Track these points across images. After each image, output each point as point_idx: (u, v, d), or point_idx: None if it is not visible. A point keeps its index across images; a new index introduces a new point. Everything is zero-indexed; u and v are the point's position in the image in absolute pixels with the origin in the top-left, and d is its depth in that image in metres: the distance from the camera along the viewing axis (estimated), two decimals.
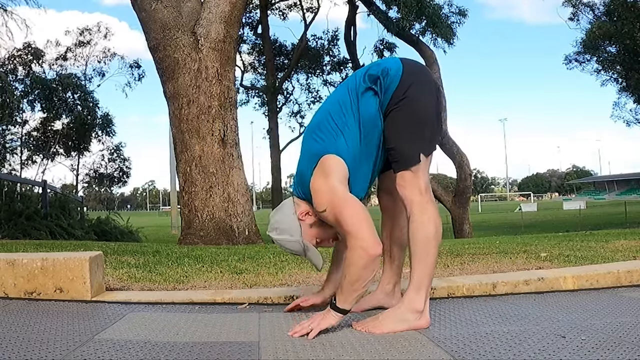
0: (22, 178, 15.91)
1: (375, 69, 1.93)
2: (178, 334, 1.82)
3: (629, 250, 3.46)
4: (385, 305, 2.12)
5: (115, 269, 3.06)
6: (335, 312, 1.80)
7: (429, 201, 1.91)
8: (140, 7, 6.89)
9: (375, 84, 1.91)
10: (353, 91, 1.93)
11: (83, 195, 15.89)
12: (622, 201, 35.68)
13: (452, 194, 14.83)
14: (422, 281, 1.86)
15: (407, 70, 1.93)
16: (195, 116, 6.64)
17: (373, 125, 1.91)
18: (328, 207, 1.81)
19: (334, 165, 1.85)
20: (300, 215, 1.92)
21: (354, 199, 1.84)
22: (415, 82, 1.92)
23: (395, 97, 1.89)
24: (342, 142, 1.88)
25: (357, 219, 1.77)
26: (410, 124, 1.89)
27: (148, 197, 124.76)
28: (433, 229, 1.88)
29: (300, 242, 1.91)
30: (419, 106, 1.90)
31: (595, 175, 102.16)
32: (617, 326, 1.78)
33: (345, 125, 1.90)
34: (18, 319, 2.00)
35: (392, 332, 1.79)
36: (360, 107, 1.90)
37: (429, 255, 1.87)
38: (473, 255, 3.50)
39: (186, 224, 6.68)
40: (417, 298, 1.85)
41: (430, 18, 14.11)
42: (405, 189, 1.90)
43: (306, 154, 1.95)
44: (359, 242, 1.75)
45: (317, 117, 2.00)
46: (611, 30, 16.50)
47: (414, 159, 1.88)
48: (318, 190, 1.84)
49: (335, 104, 1.95)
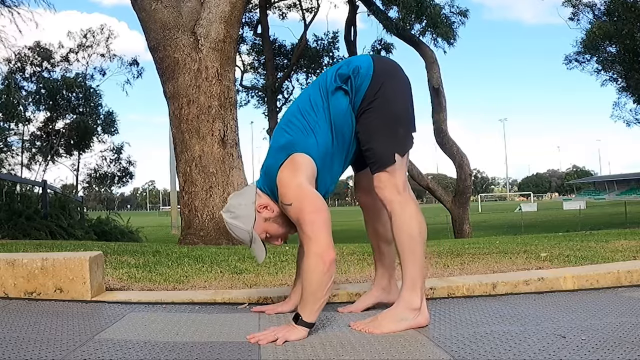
0: (22, 178, 15.91)
1: (345, 68, 1.92)
2: (178, 334, 1.81)
3: (629, 250, 3.46)
4: (384, 301, 2.13)
5: (115, 269, 3.06)
6: (302, 326, 1.76)
7: (408, 199, 1.90)
8: (140, 7, 6.89)
9: (346, 83, 1.90)
10: (324, 90, 1.93)
11: (83, 196, 15.89)
12: (622, 201, 35.66)
13: (452, 194, 14.83)
14: (414, 279, 1.86)
15: (378, 68, 1.92)
16: (195, 116, 6.64)
17: (344, 124, 1.90)
18: (294, 202, 1.80)
19: (303, 163, 1.85)
20: (259, 207, 1.92)
21: (320, 200, 1.83)
22: (387, 80, 1.91)
23: (368, 97, 1.88)
24: (313, 141, 1.87)
25: (318, 223, 1.77)
26: (383, 124, 1.88)
27: (148, 197, 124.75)
28: (416, 226, 1.87)
29: (250, 232, 1.91)
30: (391, 105, 1.89)
31: (595, 175, 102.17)
32: (617, 326, 1.78)
33: (316, 124, 1.89)
34: (18, 319, 2.00)
35: (392, 332, 1.79)
36: (330, 106, 1.90)
37: (417, 253, 1.87)
38: (473, 255, 3.49)
39: (186, 224, 6.67)
40: (412, 296, 1.85)
41: (431, 18, 14.11)
42: (383, 190, 1.89)
43: (275, 147, 1.94)
44: (313, 247, 1.75)
45: (288, 113, 1.99)
46: (611, 30, 16.50)
47: (390, 160, 1.87)
48: (285, 185, 1.83)
49: (307, 101, 1.95)
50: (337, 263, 3.25)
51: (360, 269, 3.03)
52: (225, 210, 1.97)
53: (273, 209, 1.92)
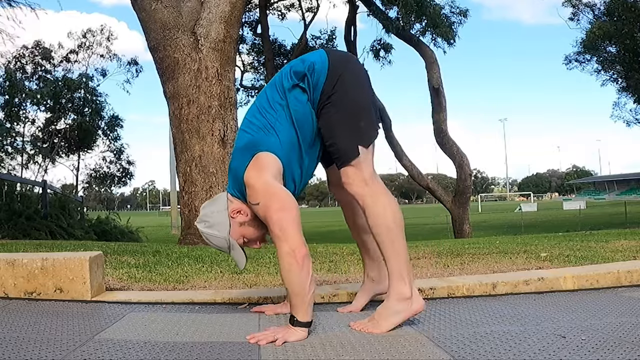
0: (22, 178, 15.91)
1: (300, 66, 1.91)
2: (178, 334, 1.81)
3: (629, 250, 3.46)
4: (378, 292, 2.14)
5: (115, 269, 3.06)
6: (299, 327, 1.76)
7: (378, 190, 1.88)
8: (140, 7, 6.89)
9: (302, 81, 1.89)
10: (280, 88, 1.92)
11: (83, 195, 15.89)
12: (622, 201, 35.66)
13: (452, 194, 14.82)
14: (400, 269, 1.85)
15: (333, 61, 1.91)
16: (195, 116, 6.64)
17: (305, 120, 1.89)
18: (261, 200, 1.80)
19: (268, 162, 1.85)
20: (232, 212, 1.91)
21: (287, 196, 1.82)
22: (344, 73, 1.89)
23: (326, 91, 1.87)
24: (275, 139, 1.87)
25: (286, 220, 1.76)
26: (344, 118, 1.87)
27: (148, 197, 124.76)
28: (390, 216, 1.86)
29: (227, 239, 1.91)
30: (350, 98, 1.88)
31: (595, 175, 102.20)
32: (617, 326, 1.78)
33: (276, 121, 1.88)
34: (18, 319, 2.00)
35: (391, 327, 1.79)
36: (289, 104, 1.89)
37: (396, 243, 1.85)
38: (473, 255, 3.49)
39: (186, 224, 6.67)
40: (401, 286, 1.84)
41: (431, 18, 14.11)
42: (352, 185, 1.88)
43: (238, 149, 1.94)
44: (284, 246, 1.74)
45: (248, 114, 1.98)
46: (611, 30, 16.50)
47: (353, 153, 1.86)
48: (252, 185, 1.83)
49: (265, 100, 1.94)
50: (337, 263, 3.27)
51: (360, 269, 3.02)
52: (199, 221, 1.96)
53: (247, 212, 1.91)
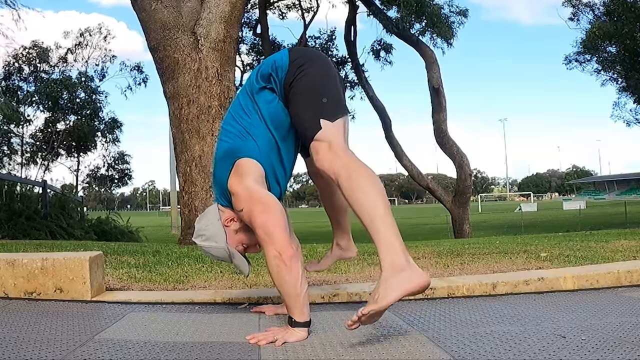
0: (22, 178, 15.91)
1: (265, 68, 1.92)
2: (178, 334, 1.82)
3: (629, 250, 3.46)
4: (345, 256, 2.23)
5: (115, 269, 3.06)
6: (298, 327, 1.76)
7: (350, 161, 1.78)
8: (140, 7, 6.89)
9: (269, 82, 1.90)
10: (249, 92, 1.93)
11: (83, 196, 15.88)
12: (622, 201, 35.66)
13: (452, 194, 14.82)
14: (389, 240, 1.66)
15: (293, 55, 1.91)
16: (195, 116, 6.64)
17: (279, 120, 1.89)
18: (245, 206, 1.80)
19: (248, 167, 1.85)
20: (225, 221, 1.92)
21: (269, 198, 1.82)
22: (305, 63, 1.89)
23: (287, 81, 1.87)
24: (252, 143, 1.87)
25: (269, 222, 1.76)
26: (305, 97, 1.85)
27: (148, 197, 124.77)
28: (368, 183, 1.72)
29: (225, 249, 1.91)
30: (310, 79, 1.86)
31: (595, 175, 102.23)
32: (617, 326, 1.78)
33: (251, 126, 1.89)
34: (18, 319, 2.00)
35: (391, 303, 1.62)
36: (260, 106, 1.90)
37: (378, 212, 1.68)
38: (473, 255, 3.49)
39: (186, 224, 6.67)
40: (393, 257, 1.64)
41: (430, 18, 14.11)
42: (322, 161, 1.80)
43: (218, 159, 1.94)
44: (270, 249, 1.74)
45: (224, 123, 1.99)
46: (611, 30, 16.50)
47: (316, 125, 1.81)
48: (235, 192, 1.83)
49: (238, 107, 1.95)
50: (337, 263, 3.27)
51: (360, 269, 3.03)
52: (196, 236, 1.96)
53: (239, 219, 1.91)
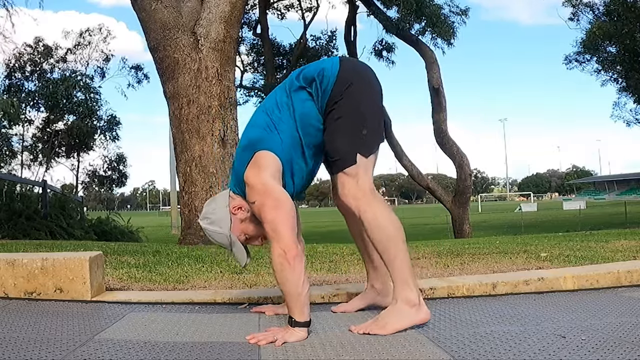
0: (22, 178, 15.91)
1: (311, 72, 1.92)
2: (178, 334, 1.82)
3: (629, 250, 3.46)
4: (378, 304, 2.12)
5: (115, 269, 3.06)
6: (298, 327, 1.76)
7: (374, 199, 1.86)
8: (140, 7, 6.89)
9: (310, 85, 1.89)
10: (288, 89, 1.93)
11: (83, 196, 15.88)
12: (622, 201, 35.65)
13: (452, 194, 14.82)
14: (404, 277, 1.84)
15: (345, 68, 1.90)
16: (195, 116, 6.64)
17: (309, 123, 1.89)
18: (257, 199, 1.81)
19: (267, 160, 1.85)
20: (233, 209, 1.92)
21: (283, 197, 1.82)
22: (355, 81, 1.89)
23: (333, 97, 1.87)
24: (277, 138, 1.87)
25: (278, 219, 1.77)
26: (346, 123, 1.86)
27: (148, 197, 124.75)
28: (390, 226, 1.85)
29: (227, 235, 1.91)
30: (356, 105, 1.87)
31: (595, 175, 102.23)
32: (617, 326, 1.78)
33: (280, 120, 1.89)
34: (18, 319, 2.00)
35: (397, 330, 1.77)
36: (294, 104, 1.90)
37: (399, 251, 1.84)
38: (473, 255, 3.49)
39: (186, 224, 6.67)
40: (407, 293, 1.83)
41: (430, 18, 14.10)
42: (347, 197, 1.87)
43: (240, 147, 1.95)
44: (275, 246, 1.76)
45: (254, 114, 2.00)
46: (611, 30, 16.49)
47: (350, 159, 1.85)
48: (250, 183, 1.84)
49: (273, 101, 1.95)
50: (337, 263, 3.27)
51: (360, 269, 3.03)
52: (202, 218, 1.97)
53: (247, 209, 1.91)
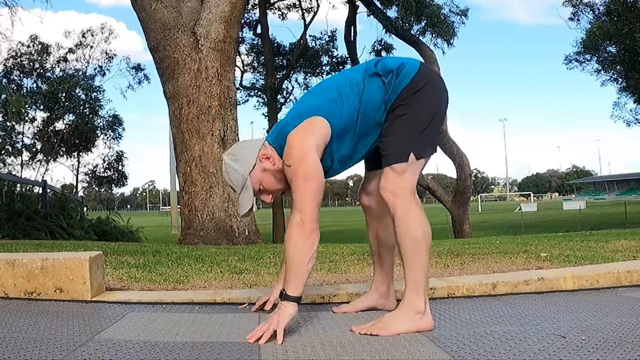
0: (22, 178, 15.90)
1: (392, 64, 1.92)
2: (178, 334, 1.81)
3: (629, 250, 3.46)
4: (380, 307, 2.11)
5: (115, 269, 3.06)
6: (288, 301, 1.76)
7: (412, 202, 1.86)
8: (140, 7, 6.89)
9: (386, 75, 1.89)
10: (363, 71, 1.93)
11: (83, 196, 15.87)
12: (622, 201, 35.65)
13: (452, 194, 14.82)
14: (417, 283, 1.84)
15: (423, 71, 1.92)
16: (195, 116, 6.64)
17: (371, 110, 1.89)
18: (293, 164, 1.80)
19: (319, 128, 1.84)
20: (262, 156, 1.91)
21: (318, 169, 1.82)
22: (428, 85, 1.90)
23: (404, 94, 1.87)
24: (338, 111, 1.87)
25: (307, 191, 1.78)
26: (410, 121, 1.86)
27: (148, 197, 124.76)
28: (420, 230, 1.84)
29: (245, 177, 1.90)
30: (423, 107, 1.88)
31: (595, 175, 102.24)
32: (617, 326, 1.78)
33: (347, 98, 1.88)
34: (18, 319, 2.00)
35: (398, 333, 1.77)
36: (365, 87, 1.89)
37: (420, 257, 1.84)
38: (473, 255, 3.49)
39: (186, 224, 6.67)
40: (416, 299, 1.83)
41: (430, 18, 14.11)
42: (387, 190, 1.86)
43: (297, 108, 1.96)
44: (297, 215, 1.77)
45: (324, 81, 2.02)
46: (611, 30, 16.48)
47: (403, 156, 1.84)
48: (292, 145, 1.83)
49: (344, 79, 1.95)
50: (337, 263, 3.27)
51: (360, 269, 3.03)
52: (228, 153, 1.97)
53: (275, 162, 1.91)
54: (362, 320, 1.91)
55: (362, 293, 2.33)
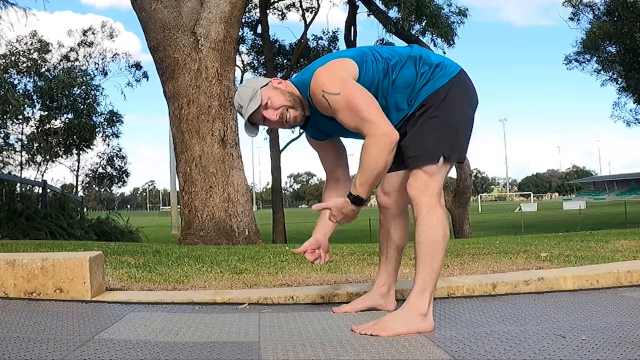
0: (22, 178, 15.90)
1: (435, 57, 1.94)
2: (178, 334, 1.81)
3: (629, 250, 3.46)
4: (379, 307, 2.11)
5: (115, 269, 3.06)
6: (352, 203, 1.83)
7: (438, 204, 1.86)
8: (141, 7, 6.89)
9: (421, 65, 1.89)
10: (406, 53, 1.93)
11: (83, 196, 15.87)
12: (622, 201, 35.66)
13: (452, 194, 14.81)
14: (426, 284, 1.83)
15: (461, 76, 1.93)
16: (195, 116, 6.64)
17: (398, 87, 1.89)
18: (342, 91, 1.80)
19: (348, 67, 1.86)
20: (274, 80, 1.97)
21: (365, 89, 1.83)
22: (463, 91, 1.91)
23: (437, 94, 1.86)
24: (369, 67, 1.88)
25: (374, 107, 1.79)
26: (442, 123, 1.86)
27: (148, 197, 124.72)
28: (441, 232, 1.84)
29: (255, 89, 1.92)
30: (456, 112, 1.88)
31: (595, 175, 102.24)
32: (617, 326, 1.78)
33: (383, 63, 1.89)
34: (18, 319, 2.00)
35: (398, 334, 1.76)
36: (405, 65, 1.89)
37: (435, 259, 1.84)
38: (473, 255, 3.49)
39: (186, 224, 6.68)
40: (421, 301, 1.82)
41: (430, 18, 14.11)
42: (416, 189, 1.85)
43: (329, 56, 1.99)
44: (380, 129, 1.76)
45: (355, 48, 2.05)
46: (611, 30, 16.48)
47: (434, 158, 1.84)
48: (328, 75, 1.84)
49: (390, 49, 1.97)
50: (337, 263, 3.27)
51: (360, 269, 3.03)
52: (245, 82, 2.03)
53: (287, 85, 1.95)
54: (362, 320, 1.91)
55: (362, 293, 2.33)
